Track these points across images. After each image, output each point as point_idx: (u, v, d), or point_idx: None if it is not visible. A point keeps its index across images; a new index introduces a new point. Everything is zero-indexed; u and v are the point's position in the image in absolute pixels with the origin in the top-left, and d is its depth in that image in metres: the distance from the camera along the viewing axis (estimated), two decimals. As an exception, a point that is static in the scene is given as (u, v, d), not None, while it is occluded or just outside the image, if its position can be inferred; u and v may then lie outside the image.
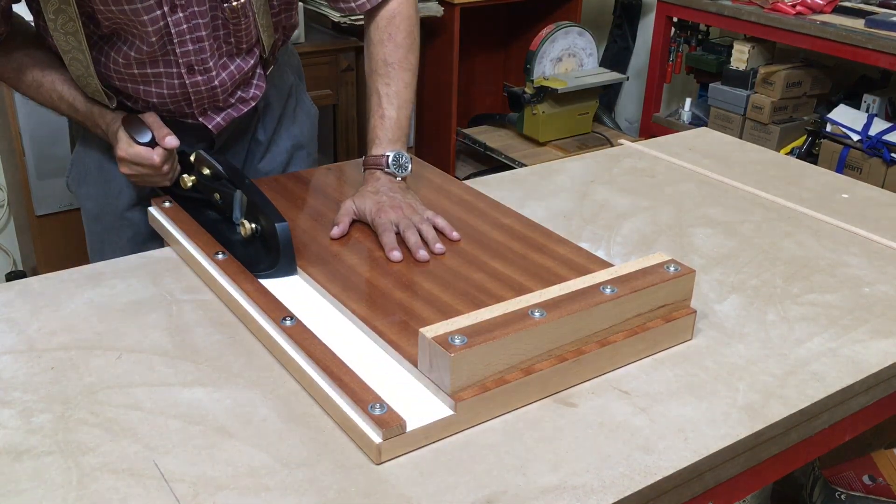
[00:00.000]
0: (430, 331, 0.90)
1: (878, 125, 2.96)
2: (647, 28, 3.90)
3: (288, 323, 0.99)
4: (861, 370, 1.03)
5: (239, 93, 1.34)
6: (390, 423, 0.84)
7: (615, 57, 3.98)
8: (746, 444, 0.92)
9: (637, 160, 1.65)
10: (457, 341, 0.88)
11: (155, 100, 1.28)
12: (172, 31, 1.21)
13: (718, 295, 1.18)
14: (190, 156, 1.27)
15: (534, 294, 0.99)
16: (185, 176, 1.25)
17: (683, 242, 1.33)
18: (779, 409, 0.95)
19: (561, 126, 3.32)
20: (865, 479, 1.55)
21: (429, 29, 3.00)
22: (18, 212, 2.65)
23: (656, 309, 1.03)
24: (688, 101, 3.63)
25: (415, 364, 0.94)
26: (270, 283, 1.10)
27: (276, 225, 1.11)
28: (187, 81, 1.27)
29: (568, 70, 3.33)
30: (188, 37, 1.23)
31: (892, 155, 2.88)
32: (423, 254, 1.14)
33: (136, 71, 1.24)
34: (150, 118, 1.22)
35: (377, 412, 0.85)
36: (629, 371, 1.01)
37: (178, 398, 0.93)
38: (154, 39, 1.20)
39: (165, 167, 1.22)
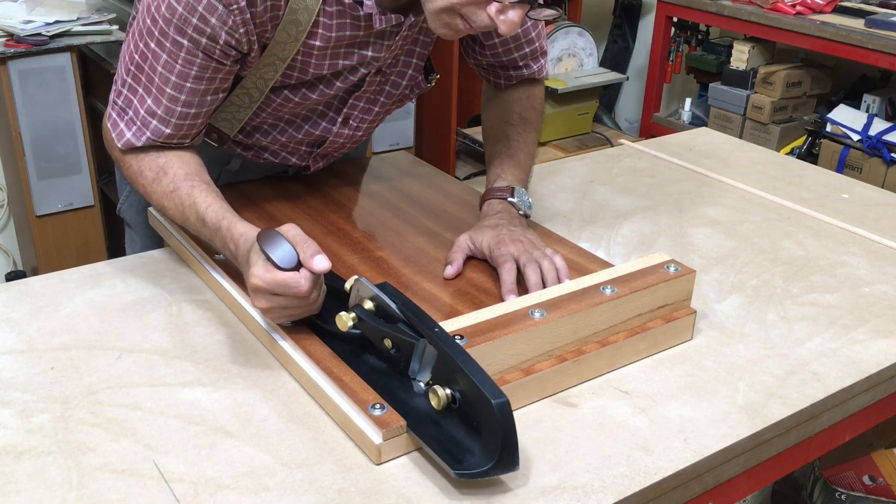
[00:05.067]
0: (430, 331, 0.90)
1: (878, 125, 2.96)
2: (647, 28, 3.90)
3: (288, 323, 0.99)
4: (861, 370, 1.03)
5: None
6: (390, 423, 0.84)
7: (615, 57, 3.98)
8: (746, 445, 0.92)
9: (637, 160, 1.65)
10: (457, 341, 0.88)
11: (283, 138, 1.26)
12: (363, 87, 1.21)
13: (718, 295, 1.18)
14: (344, 282, 0.98)
15: (534, 294, 0.99)
16: (343, 315, 0.92)
17: (683, 242, 1.33)
18: (779, 409, 0.95)
19: (561, 126, 3.32)
20: (866, 479, 1.55)
21: (429, 29, 3.00)
22: (18, 212, 2.65)
23: (656, 309, 1.03)
24: (688, 101, 3.63)
25: (415, 364, 0.93)
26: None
27: (492, 402, 0.78)
28: (334, 130, 1.26)
29: (568, 70, 3.33)
30: (367, 96, 1.23)
31: (892, 155, 2.88)
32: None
33: (296, 110, 1.21)
34: (291, 231, 0.93)
35: (377, 412, 0.85)
36: (629, 371, 1.01)
37: (178, 398, 0.93)
38: (333, 93, 1.19)
39: (313, 295, 0.94)
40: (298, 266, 0.91)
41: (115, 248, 2.79)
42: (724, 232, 1.36)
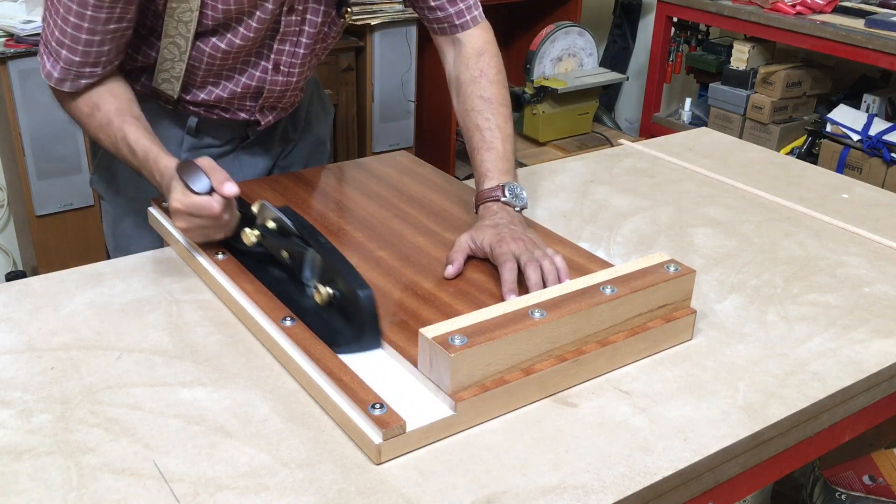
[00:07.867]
0: (430, 331, 0.90)
1: (878, 125, 2.96)
2: (647, 28, 3.90)
3: (288, 323, 0.99)
4: (861, 370, 1.03)
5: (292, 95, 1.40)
6: (390, 423, 0.84)
7: (615, 57, 3.98)
8: (746, 444, 0.92)
9: (637, 160, 1.65)
10: (457, 341, 0.88)
11: (225, 94, 1.32)
12: (281, 29, 1.27)
13: (718, 295, 1.18)
14: (251, 206, 1.13)
15: (534, 294, 0.99)
16: (247, 230, 1.10)
17: (683, 242, 1.33)
18: (779, 409, 0.95)
19: (561, 126, 3.32)
20: (866, 479, 1.55)
21: (429, 29, 3.00)
22: (18, 212, 2.65)
23: (656, 309, 1.03)
24: (688, 101, 3.63)
25: (415, 364, 0.94)
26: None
27: (358, 292, 0.97)
28: (268, 79, 1.32)
29: (568, 70, 3.34)
30: (290, 39, 1.29)
31: (892, 155, 2.88)
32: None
33: (228, 62, 1.27)
34: (206, 162, 1.08)
35: (377, 412, 0.85)
36: (629, 371, 1.01)
37: (178, 398, 0.93)
38: (254, 35, 1.24)
39: (225, 216, 1.09)
40: (212, 191, 1.06)
41: (115, 248, 2.79)
42: (724, 232, 1.36)
